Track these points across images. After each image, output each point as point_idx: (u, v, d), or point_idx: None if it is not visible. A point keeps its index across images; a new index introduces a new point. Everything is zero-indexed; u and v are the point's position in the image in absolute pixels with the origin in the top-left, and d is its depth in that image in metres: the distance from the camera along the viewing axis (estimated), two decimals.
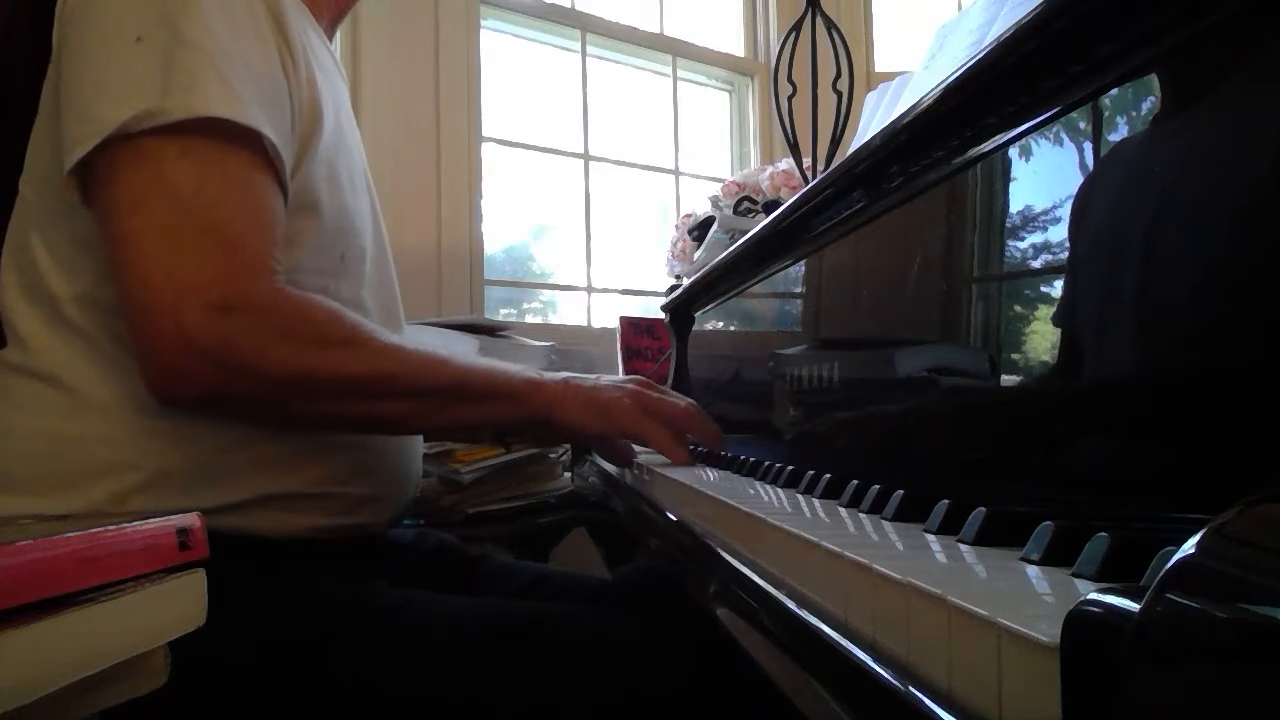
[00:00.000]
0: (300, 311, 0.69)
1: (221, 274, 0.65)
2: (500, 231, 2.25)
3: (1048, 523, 0.36)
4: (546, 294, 2.45)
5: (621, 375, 0.92)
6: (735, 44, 2.64)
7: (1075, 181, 0.49)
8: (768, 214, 1.00)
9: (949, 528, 0.44)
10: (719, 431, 0.92)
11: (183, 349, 0.64)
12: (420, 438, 0.92)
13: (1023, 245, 0.53)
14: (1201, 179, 0.40)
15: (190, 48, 0.65)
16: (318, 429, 0.76)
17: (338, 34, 1.87)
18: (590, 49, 2.34)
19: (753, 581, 0.48)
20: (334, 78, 0.84)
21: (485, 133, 2.09)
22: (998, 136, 0.54)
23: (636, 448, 0.94)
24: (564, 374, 0.85)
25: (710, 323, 1.32)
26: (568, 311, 2.38)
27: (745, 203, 1.85)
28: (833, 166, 0.77)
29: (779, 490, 0.68)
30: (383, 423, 0.76)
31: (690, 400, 0.92)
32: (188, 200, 0.65)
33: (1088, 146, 0.48)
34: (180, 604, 0.43)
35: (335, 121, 0.79)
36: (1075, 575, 0.32)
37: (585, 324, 2.30)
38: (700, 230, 1.89)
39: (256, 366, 0.66)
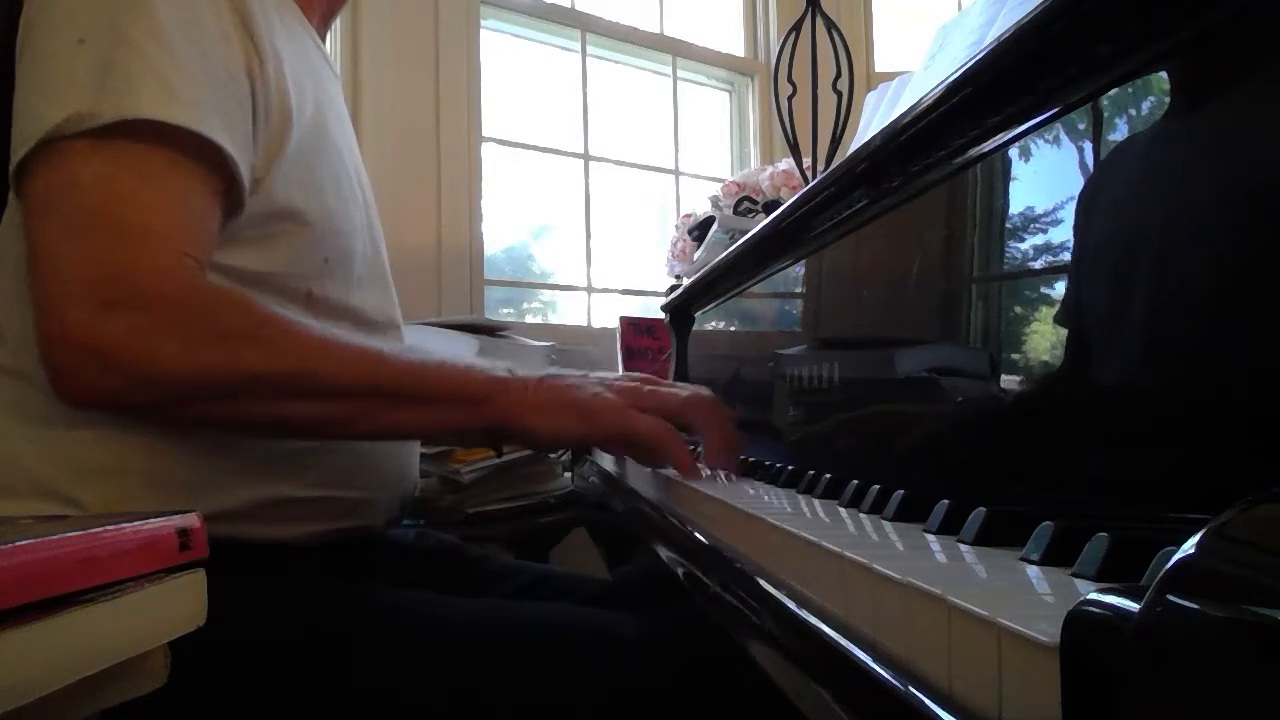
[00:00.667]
0: (200, 305, 0.65)
1: (113, 270, 0.62)
2: (500, 231, 2.25)
3: (1048, 523, 0.36)
4: (546, 294, 2.46)
5: (619, 373, 0.81)
6: (735, 44, 2.64)
7: (1075, 181, 0.49)
8: (768, 214, 1.00)
9: (949, 528, 0.44)
10: (732, 431, 0.79)
11: (66, 349, 0.61)
12: (412, 445, 0.89)
13: (1023, 245, 0.53)
14: (1202, 179, 0.40)
15: (130, 49, 0.63)
16: (235, 434, 0.70)
17: (336, 33, 1.89)
18: (590, 49, 2.34)
19: (753, 581, 0.48)
20: (321, 76, 0.83)
21: (485, 133, 2.09)
22: (998, 136, 0.54)
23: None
24: (546, 370, 0.76)
25: (710, 323, 1.32)
26: (568, 311, 2.38)
27: (745, 203, 1.86)
28: (833, 166, 0.77)
29: (779, 490, 0.68)
30: (304, 426, 0.70)
31: (699, 389, 0.79)
32: (92, 197, 0.63)
33: (1088, 147, 0.48)
34: (180, 604, 0.43)
35: (317, 121, 0.77)
36: (1075, 575, 0.32)
37: (585, 324, 2.30)
38: (700, 230, 1.89)
39: (144, 367, 0.62)
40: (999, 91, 0.54)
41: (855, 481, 0.58)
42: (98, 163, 0.63)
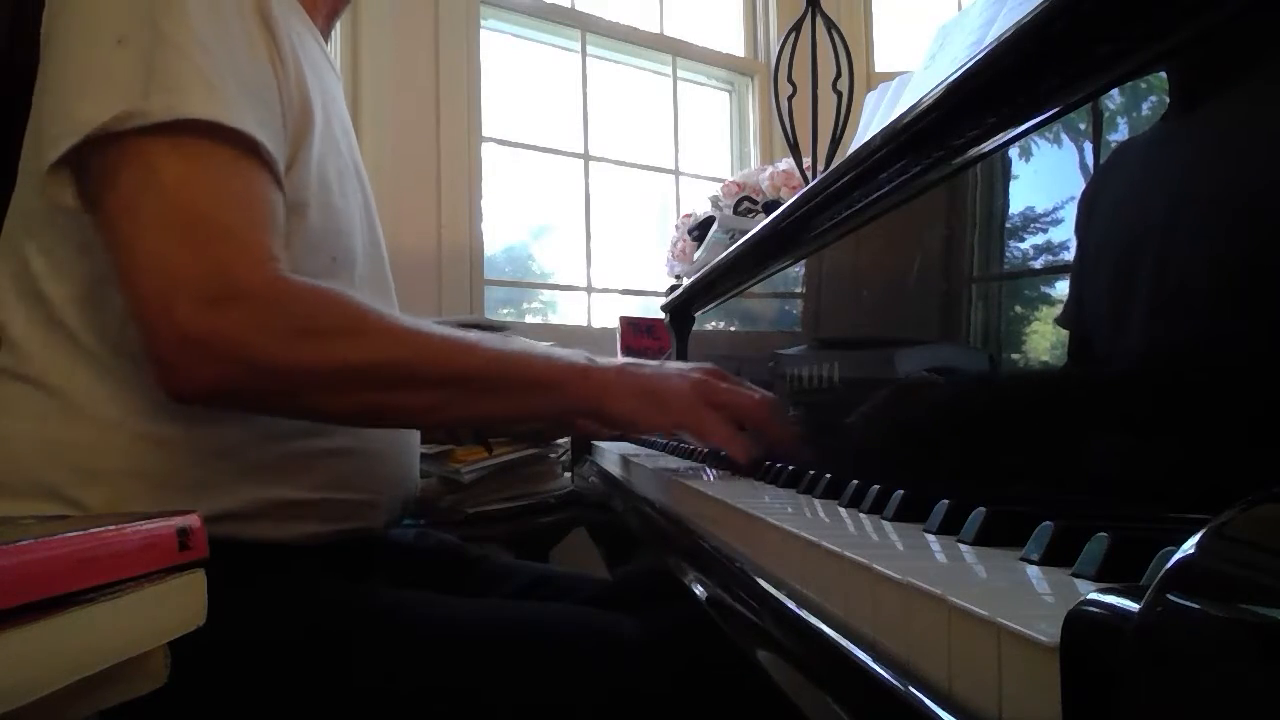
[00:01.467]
0: (299, 300, 0.67)
1: (212, 266, 0.64)
2: (500, 231, 2.25)
3: (1048, 523, 0.36)
4: (546, 294, 2.46)
5: (695, 363, 0.82)
6: (735, 44, 2.64)
7: (1075, 182, 0.49)
8: (768, 214, 1.00)
9: (949, 528, 0.44)
10: (793, 437, 0.81)
11: (177, 344, 0.63)
12: (416, 439, 0.90)
13: (1023, 245, 0.53)
14: (1201, 179, 0.40)
15: (173, 48, 0.64)
16: (339, 422, 0.73)
17: (336, 33, 1.89)
18: (590, 49, 2.34)
19: (753, 581, 0.48)
20: (326, 76, 0.83)
21: (485, 133, 2.09)
22: (998, 136, 0.54)
23: (636, 447, 0.91)
24: (621, 359, 0.79)
25: (710, 323, 1.32)
26: (568, 311, 2.38)
27: (745, 203, 1.86)
28: (833, 166, 0.77)
29: (779, 490, 0.68)
30: (402, 414, 0.73)
31: (768, 394, 0.81)
32: (177, 194, 0.64)
33: (1088, 147, 0.48)
34: (180, 604, 0.43)
35: (326, 121, 0.78)
36: (1075, 575, 0.32)
37: (585, 324, 2.30)
38: (700, 230, 1.89)
39: (254, 359, 0.64)
40: (999, 91, 0.54)
41: (855, 481, 0.58)
42: (175, 160, 0.64)
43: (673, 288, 1.68)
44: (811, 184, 0.81)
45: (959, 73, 0.55)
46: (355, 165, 0.86)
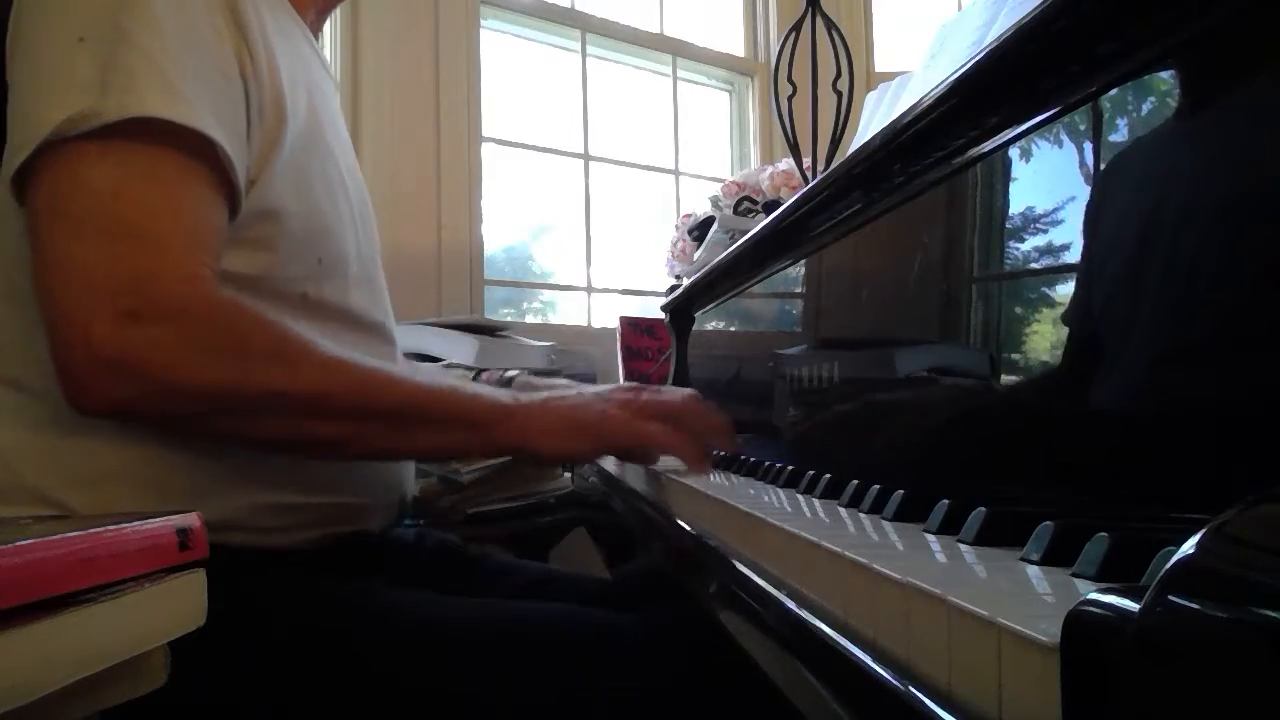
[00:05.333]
0: (223, 320, 0.64)
1: (135, 278, 0.61)
2: (500, 231, 2.25)
3: (1048, 523, 0.36)
4: (546, 294, 2.46)
5: (610, 384, 0.83)
6: (735, 44, 2.64)
7: (1075, 182, 0.49)
8: (768, 214, 1.00)
9: (949, 528, 0.44)
10: (727, 425, 0.83)
11: (88, 359, 0.60)
12: None
13: (1023, 245, 0.53)
14: (1201, 180, 0.40)
15: (132, 46, 0.62)
16: (246, 448, 0.70)
17: (336, 33, 1.89)
18: (590, 49, 2.34)
19: (753, 582, 0.48)
20: (315, 74, 0.81)
21: (485, 133, 2.09)
22: (998, 136, 0.54)
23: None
24: (544, 394, 0.78)
25: (710, 323, 1.32)
26: (568, 311, 2.38)
27: (745, 203, 1.86)
28: (833, 166, 0.77)
29: (779, 490, 0.68)
30: (316, 445, 0.70)
31: (688, 390, 0.84)
32: (105, 202, 0.61)
33: (1088, 147, 0.48)
34: (180, 604, 0.43)
35: (309, 120, 0.76)
36: (1075, 575, 0.32)
37: (585, 324, 2.30)
38: (700, 230, 1.89)
39: (166, 380, 0.61)
40: (999, 91, 0.54)
41: (855, 481, 0.58)
42: (106, 166, 0.62)
43: (673, 288, 1.68)
44: (811, 184, 0.81)
45: (959, 73, 0.55)
46: (349, 166, 0.84)
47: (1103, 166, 0.47)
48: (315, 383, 0.66)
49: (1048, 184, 0.51)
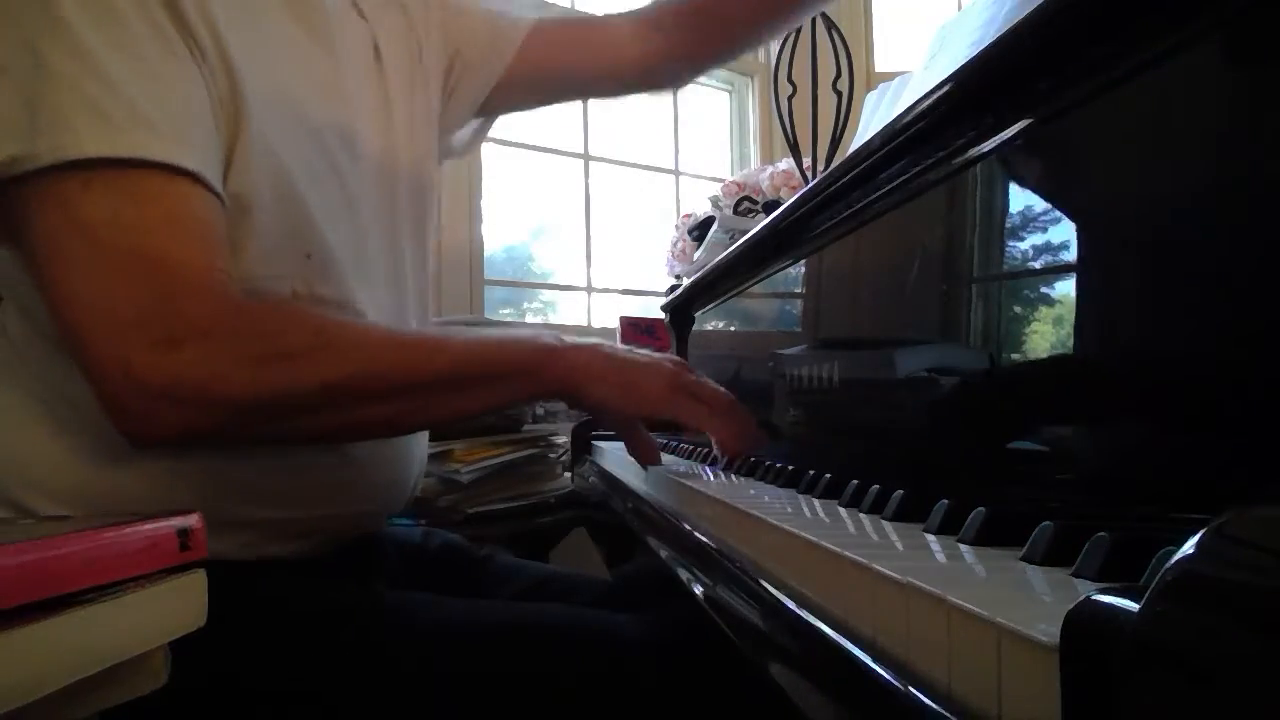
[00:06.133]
0: (255, 324, 0.63)
1: (158, 303, 0.59)
2: (500, 231, 2.25)
3: (1048, 523, 0.36)
4: (546, 294, 2.46)
5: (659, 353, 0.81)
6: None
7: (1075, 181, 0.49)
8: (768, 214, 1.00)
9: (949, 528, 0.44)
10: (762, 433, 0.82)
11: (138, 393, 0.59)
12: (415, 441, 0.86)
13: (1023, 245, 0.53)
14: (1202, 178, 0.40)
15: (54, 77, 0.58)
16: (315, 441, 0.70)
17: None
18: None
19: (753, 581, 0.48)
20: (298, 37, 0.75)
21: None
22: (998, 136, 0.54)
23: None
24: (594, 339, 0.76)
25: (710, 323, 1.32)
26: (568, 311, 2.38)
27: (745, 203, 1.86)
28: (833, 166, 0.77)
29: (779, 490, 0.68)
30: (378, 425, 0.70)
31: (730, 394, 0.81)
32: (105, 233, 0.59)
33: (1088, 147, 0.48)
34: (180, 604, 0.43)
35: (283, 97, 0.71)
36: (1075, 575, 0.32)
37: (585, 324, 2.30)
38: (700, 230, 1.89)
39: (220, 396, 0.61)
40: (999, 91, 0.54)
41: (855, 481, 0.58)
42: (94, 197, 0.59)
43: (673, 288, 1.68)
44: (811, 184, 0.81)
45: (958, 72, 0.55)
46: (345, 140, 0.78)
47: (1103, 166, 0.47)
48: (361, 365, 0.65)
49: (1048, 184, 0.51)
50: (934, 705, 0.28)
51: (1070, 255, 0.48)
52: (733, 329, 1.24)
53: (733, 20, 0.98)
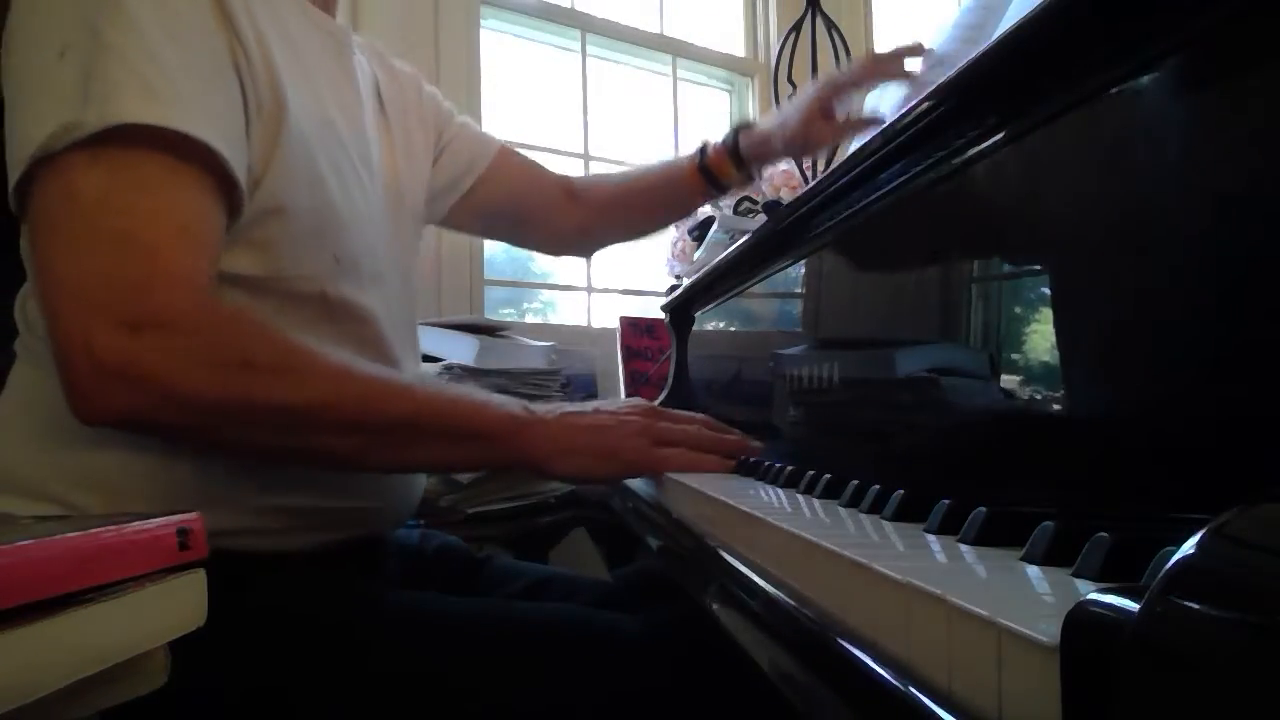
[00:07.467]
0: (226, 330, 0.63)
1: (131, 287, 0.60)
2: None
3: (1048, 523, 0.36)
4: (546, 294, 2.46)
5: (621, 400, 0.84)
6: (735, 44, 2.64)
7: (1075, 181, 0.49)
8: (767, 214, 1.00)
9: (949, 528, 0.44)
10: (742, 441, 0.84)
11: (92, 371, 0.59)
12: None
13: (1022, 245, 0.53)
14: (1202, 179, 0.40)
15: (111, 53, 0.61)
16: (253, 459, 0.69)
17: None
18: (590, 49, 2.34)
19: (753, 582, 0.48)
20: (323, 59, 0.79)
21: (485, 132, 2.09)
22: (997, 136, 0.54)
23: None
24: (557, 405, 0.77)
25: (710, 323, 1.32)
26: (567, 311, 2.38)
27: (745, 203, 1.86)
28: (833, 167, 0.77)
29: (779, 490, 0.68)
30: (323, 457, 0.69)
31: (701, 415, 0.85)
32: (94, 211, 0.60)
33: (1087, 147, 0.48)
34: (180, 604, 0.43)
35: (316, 109, 0.74)
36: (1075, 575, 0.32)
37: (585, 324, 2.30)
38: (700, 230, 1.89)
39: (174, 391, 0.61)
40: (998, 90, 0.54)
41: (855, 481, 0.58)
42: (95, 175, 0.61)
43: (673, 288, 1.68)
44: (811, 184, 0.81)
45: (958, 73, 0.55)
46: (363, 155, 0.82)
47: (1102, 165, 0.47)
48: (321, 395, 0.65)
49: (1047, 184, 0.51)
50: (934, 705, 0.28)
51: (1070, 255, 0.48)
52: (733, 329, 1.24)
53: (635, 213, 1.21)
